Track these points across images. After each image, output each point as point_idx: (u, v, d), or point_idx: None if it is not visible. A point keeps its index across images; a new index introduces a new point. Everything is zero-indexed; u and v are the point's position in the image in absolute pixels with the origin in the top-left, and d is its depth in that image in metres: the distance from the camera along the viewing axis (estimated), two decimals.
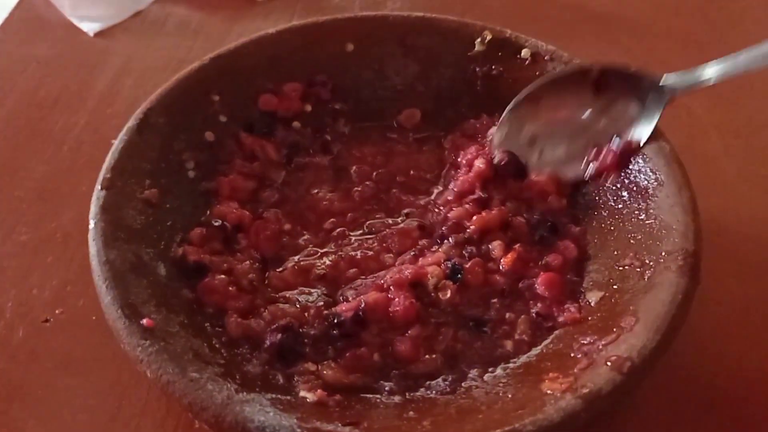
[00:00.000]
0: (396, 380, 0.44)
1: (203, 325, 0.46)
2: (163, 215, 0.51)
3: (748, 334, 0.52)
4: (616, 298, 0.46)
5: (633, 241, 0.49)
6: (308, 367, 0.45)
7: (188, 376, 0.40)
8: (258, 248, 0.52)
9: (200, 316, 0.47)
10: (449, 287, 0.48)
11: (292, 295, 0.49)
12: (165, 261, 0.49)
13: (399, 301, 0.46)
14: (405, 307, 0.46)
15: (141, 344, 0.41)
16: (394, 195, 0.56)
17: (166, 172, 0.53)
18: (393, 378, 0.44)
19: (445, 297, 0.48)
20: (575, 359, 0.43)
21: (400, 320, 0.46)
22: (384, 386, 0.44)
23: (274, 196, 0.56)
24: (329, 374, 0.44)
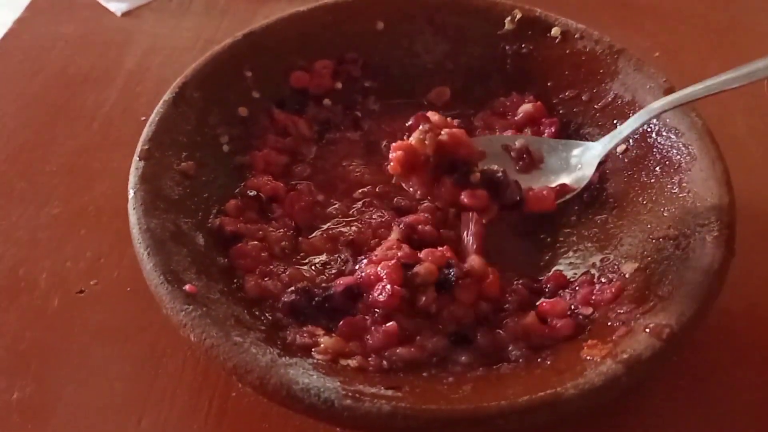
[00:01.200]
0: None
1: (240, 293, 0.47)
2: (199, 187, 0.51)
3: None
4: (652, 269, 0.46)
5: (667, 214, 0.49)
6: (314, 330, 0.45)
7: (232, 339, 0.41)
8: (292, 217, 0.52)
9: (237, 284, 0.47)
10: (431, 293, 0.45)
11: (317, 260, 0.50)
12: (203, 231, 0.49)
13: (383, 287, 0.45)
14: (387, 297, 0.44)
15: (184, 309, 0.42)
16: None
17: (201, 145, 0.53)
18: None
19: (421, 301, 0.45)
20: (613, 327, 0.43)
21: (381, 307, 0.45)
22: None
23: (306, 171, 0.56)
24: (327, 341, 0.44)
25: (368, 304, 0.45)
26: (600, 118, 0.56)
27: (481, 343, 0.44)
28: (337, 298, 0.46)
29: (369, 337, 0.44)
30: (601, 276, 0.49)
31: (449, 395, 0.40)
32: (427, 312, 0.45)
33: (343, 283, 0.46)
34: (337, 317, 0.45)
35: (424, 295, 0.45)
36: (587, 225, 0.53)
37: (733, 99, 0.68)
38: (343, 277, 0.48)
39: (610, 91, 0.56)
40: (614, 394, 0.39)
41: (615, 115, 0.55)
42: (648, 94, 0.54)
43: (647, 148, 0.53)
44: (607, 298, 0.46)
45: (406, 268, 0.45)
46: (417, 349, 0.43)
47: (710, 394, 0.47)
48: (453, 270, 0.45)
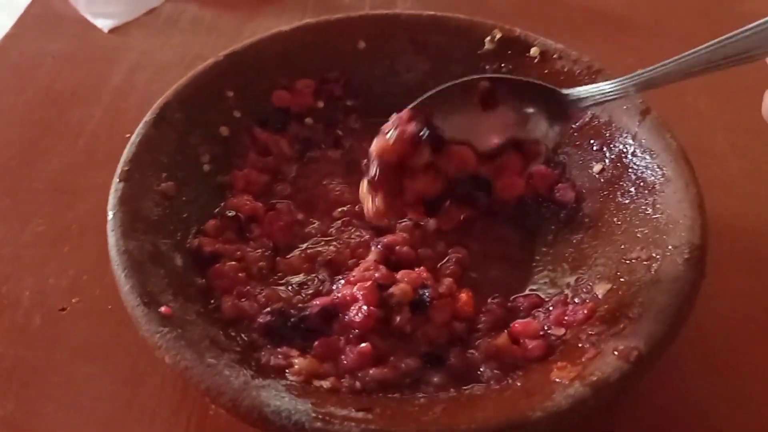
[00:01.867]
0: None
1: (217, 314, 0.47)
2: (179, 207, 0.52)
3: (752, 330, 0.53)
4: (624, 290, 0.47)
5: (640, 235, 0.50)
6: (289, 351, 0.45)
7: (205, 362, 0.41)
8: (271, 237, 0.53)
9: (214, 305, 0.48)
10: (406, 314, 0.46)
11: (294, 280, 0.50)
12: (181, 251, 0.50)
13: (359, 308, 0.45)
14: (363, 318, 0.45)
15: (159, 331, 0.42)
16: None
17: (182, 165, 0.54)
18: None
19: (396, 321, 0.46)
20: (583, 349, 0.44)
21: (357, 328, 0.45)
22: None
23: (286, 190, 0.57)
24: (301, 362, 0.44)
25: (344, 324, 0.46)
26: (577, 138, 0.57)
27: (454, 363, 0.45)
28: (312, 319, 0.46)
29: (343, 358, 0.45)
30: (575, 296, 0.49)
31: (420, 417, 0.40)
32: (401, 332, 0.46)
33: (319, 303, 0.47)
34: (313, 338, 0.46)
35: (399, 315, 0.45)
36: (563, 244, 0.53)
37: (715, 115, 0.69)
38: (320, 297, 0.48)
39: (587, 111, 0.57)
40: (581, 416, 0.40)
41: (592, 134, 0.56)
42: (624, 115, 0.55)
43: (623, 168, 0.54)
44: (579, 319, 0.47)
45: (382, 288, 0.46)
46: (390, 369, 0.44)
47: (683, 407, 0.48)
48: (428, 291, 0.46)
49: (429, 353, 0.45)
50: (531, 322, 0.47)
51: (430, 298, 0.46)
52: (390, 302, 0.46)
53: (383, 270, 0.48)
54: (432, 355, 0.45)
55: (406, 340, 0.46)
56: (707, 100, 0.71)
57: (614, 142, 0.55)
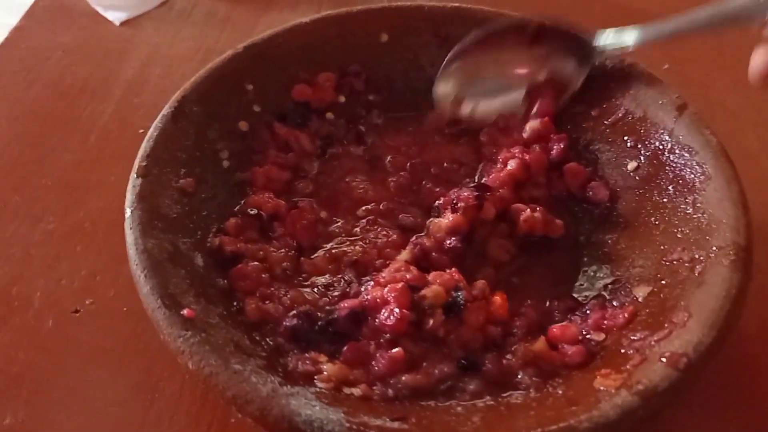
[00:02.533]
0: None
1: (240, 317, 0.45)
2: (198, 205, 0.50)
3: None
4: (666, 293, 0.45)
5: (680, 235, 0.47)
6: (317, 357, 0.43)
7: (231, 368, 0.39)
8: (294, 236, 0.51)
9: (236, 307, 0.46)
10: (439, 317, 0.44)
11: (320, 281, 0.48)
12: (202, 251, 0.47)
13: (390, 311, 0.43)
14: (395, 321, 0.43)
15: (182, 335, 0.40)
16: (428, 187, 0.55)
17: (200, 161, 0.52)
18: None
19: (428, 325, 0.44)
20: (627, 356, 0.42)
21: (389, 331, 0.43)
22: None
23: (308, 187, 0.55)
24: (330, 368, 0.42)
25: (374, 328, 0.43)
26: (610, 134, 0.55)
27: (489, 369, 0.43)
28: (341, 322, 0.44)
29: (374, 363, 0.42)
30: (613, 299, 0.47)
31: (458, 428, 0.38)
32: (434, 336, 0.43)
33: (348, 306, 0.45)
34: (341, 342, 0.44)
35: (432, 319, 0.43)
36: (597, 245, 0.51)
37: (744, 112, 0.67)
38: (347, 299, 0.46)
39: (620, 106, 0.54)
40: (630, 426, 0.38)
41: (625, 131, 0.54)
42: (660, 110, 0.53)
43: (659, 166, 0.51)
44: (619, 324, 0.45)
45: (414, 290, 0.44)
46: (423, 375, 0.42)
47: (724, 417, 0.46)
48: (461, 293, 0.44)
49: (464, 358, 0.43)
50: (569, 326, 0.45)
51: (463, 301, 0.44)
52: (422, 305, 0.44)
53: (414, 271, 0.46)
54: (467, 360, 0.43)
55: (440, 345, 0.44)
56: (734, 96, 0.69)
57: (650, 139, 0.52)
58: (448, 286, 0.44)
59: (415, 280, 0.45)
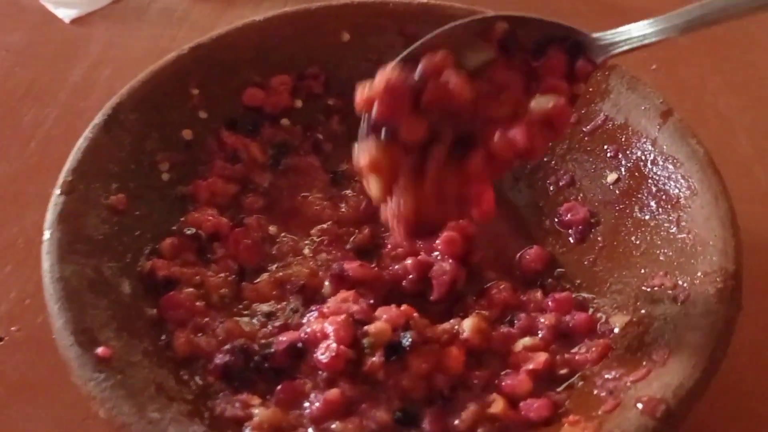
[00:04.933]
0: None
1: (169, 352, 0.40)
2: (130, 224, 0.45)
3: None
4: (645, 324, 0.40)
5: (663, 257, 0.43)
6: (249, 399, 0.38)
7: (147, 417, 0.35)
8: (237, 259, 0.46)
9: (165, 341, 0.41)
10: (378, 358, 0.39)
11: (262, 309, 0.44)
12: (130, 277, 0.43)
13: (327, 347, 0.39)
14: (330, 359, 0.38)
15: (94, 378, 0.36)
16: None
17: (136, 174, 0.47)
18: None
19: (365, 367, 0.39)
20: (599, 398, 0.37)
21: (324, 369, 0.39)
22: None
23: (258, 202, 0.50)
24: (263, 414, 0.37)
25: (313, 365, 0.39)
26: (588, 143, 0.50)
27: (426, 429, 0.38)
28: (278, 358, 0.40)
29: (308, 405, 0.38)
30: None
31: None
32: (373, 380, 0.39)
33: (287, 339, 0.40)
34: (279, 381, 0.39)
35: (371, 360, 0.38)
36: (573, 268, 0.47)
37: (737, 116, 0.63)
38: (288, 332, 0.41)
39: (600, 112, 0.50)
40: None
41: (605, 139, 0.50)
42: (642, 117, 0.48)
43: (641, 178, 0.47)
44: (591, 359, 0.40)
45: (359, 325, 0.39)
46: (356, 426, 0.37)
47: None
48: (410, 333, 0.39)
49: (401, 409, 0.38)
50: (523, 378, 0.39)
51: (409, 343, 0.39)
52: (363, 344, 0.39)
53: (363, 304, 0.41)
54: (404, 412, 0.38)
55: (379, 390, 0.39)
56: (728, 99, 0.64)
57: (631, 149, 0.48)
58: (396, 324, 0.39)
59: (362, 313, 0.40)
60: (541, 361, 0.40)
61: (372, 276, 0.44)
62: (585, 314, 0.43)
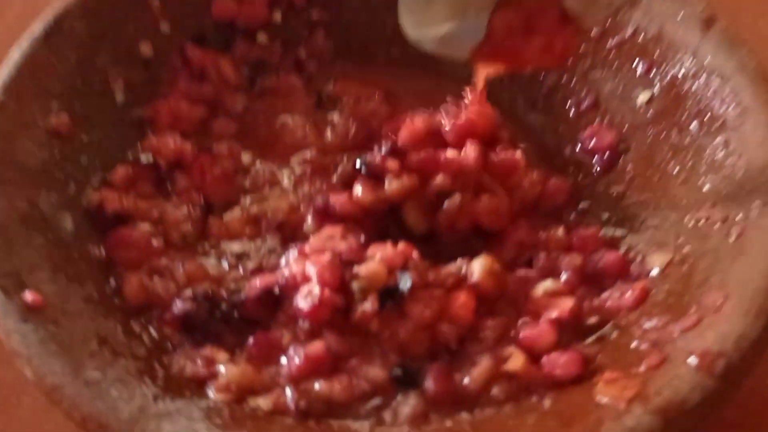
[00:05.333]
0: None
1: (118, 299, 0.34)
2: (76, 150, 0.39)
3: None
4: (691, 265, 0.34)
5: (709, 187, 0.37)
6: (214, 354, 0.32)
7: (84, 377, 0.28)
8: (202, 191, 0.39)
9: (114, 287, 0.35)
10: (371, 305, 0.32)
11: (231, 249, 0.37)
12: (73, 211, 0.36)
13: (309, 292, 0.32)
14: (312, 306, 0.32)
15: (19, 329, 0.29)
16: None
17: (83, 94, 0.40)
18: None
19: (357, 315, 0.32)
20: (639, 351, 0.31)
21: (305, 319, 0.33)
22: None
23: (229, 128, 0.43)
24: (230, 371, 0.31)
25: (292, 314, 0.32)
26: (615, 59, 0.43)
27: (430, 388, 0.31)
28: (250, 306, 0.33)
29: (286, 362, 0.31)
30: None
31: None
32: (365, 332, 0.32)
33: (261, 284, 0.33)
34: (250, 333, 0.32)
35: (362, 307, 0.32)
36: (599, 201, 0.40)
37: None
38: (262, 275, 0.34)
39: (628, 23, 0.43)
40: None
41: (635, 53, 0.43)
42: (680, 26, 0.41)
43: (679, 97, 0.40)
44: (626, 305, 0.33)
45: (349, 267, 0.32)
46: (344, 387, 0.31)
47: None
48: (409, 274, 0.32)
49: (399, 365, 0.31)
50: (545, 330, 0.33)
51: (409, 287, 0.32)
52: (353, 288, 0.32)
53: (352, 241, 0.34)
54: (403, 369, 0.31)
55: (372, 344, 0.32)
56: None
57: (666, 63, 0.41)
58: (393, 265, 0.33)
59: (352, 252, 0.33)
60: (567, 308, 0.33)
61: (362, 211, 0.37)
62: (616, 253, 0.36)
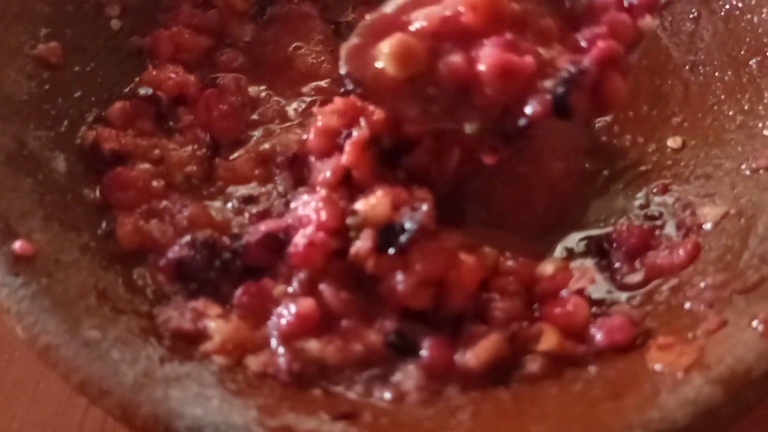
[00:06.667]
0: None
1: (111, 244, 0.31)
2: (68, 82, 0.36)
3: None
4: (749, 218, 0.31)
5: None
6: (206, 308, 0.29)
7: (82, 336, 0.25)
8: (208, 128, 0.36)
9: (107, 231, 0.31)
10: (366, 243, 0.29)
11: (239, 192, 0.34)
12: (67, 150, 0.33)
13: (303, 233, 0.29)
14: (302, 247, 0.29)
15: (9, 283, 0.26)
16: None
17: (75, 19, 0.37)
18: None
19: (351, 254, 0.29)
20: (694, 313, 0.28)
21: (296, 264, 0.30)
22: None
23: (236, 59, 0.40)
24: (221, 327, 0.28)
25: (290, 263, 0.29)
26: None
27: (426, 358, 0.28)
28: (252, 251, 0.30)
29: (274, 317, 0.29)
30: (663, 225, 0.33)
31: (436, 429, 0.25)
32: (364, 282, 0.29)
33: (264, 228, 0.30)
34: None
35: (356, 245, 0.28)
36: (635, 149, 0.37)
37: None
38: (269, 219, 0.31)
39: None
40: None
41: None
42: None
43: (735, 31, 0.37)
44: (677, 263, 0.30)
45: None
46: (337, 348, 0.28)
47: None
48: (418, 215, 0.28)
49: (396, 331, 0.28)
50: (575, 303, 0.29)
51: (414, 229, 0.28)
52: (350, 232, 0.29)
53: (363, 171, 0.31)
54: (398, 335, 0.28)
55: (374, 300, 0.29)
56: None
57: None
58: (399, 202, 0.29)
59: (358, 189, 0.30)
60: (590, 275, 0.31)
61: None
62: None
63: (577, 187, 0.36)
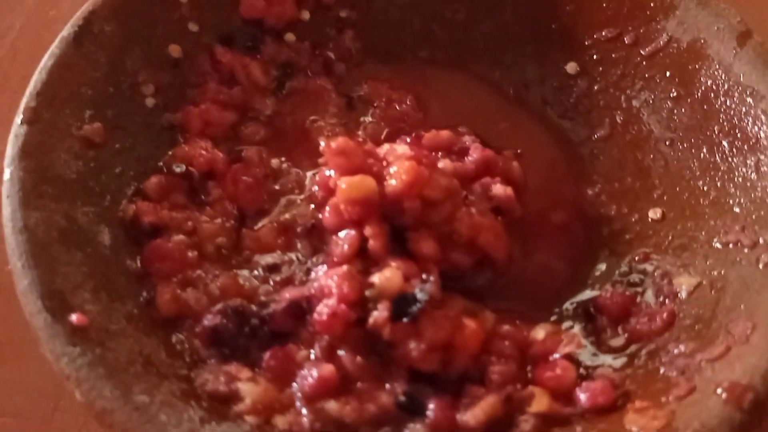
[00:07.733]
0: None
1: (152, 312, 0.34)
2: (109, 159, 0.38)
3: None
4: (719, 290, 0.34)
5: (738, 209, 0.37)
6: (238, 372, 0.32)
7: (133, 401, 0.29)
8: (235, 200, 0.39)
9: (147, 299, 0.35)
10: (383, 312, 0.32)
11: (264, 261, 0.37)
12: (110, 224, 0.36)
13: (327, 304, 0.32)
14: (326, 318, 0.32)
15: (68, 352, 0.30)
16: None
17: (114, 99, 0.40)
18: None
19: (370, 323, 0.32)
20: (667, 378, 0.32)
21: (319, 332, 0.33)
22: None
23: (259, 132, 0.43)
24: (251, 390, 0.31)
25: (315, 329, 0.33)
26: (647, 69, 0.43)
27: (431, 417, 0.31)
28: (278, 319, 0.33)
29: (298, 379, 0.32)
30: (643, 291, 0.37)
31: None
32: (380, 348, 0.32)
33: (289, 297, 0.34)
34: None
35: (374, 315, 0.32)
36: (620, 219, 0.41)
37: None
38: (292, 287, 0.35)
39: (662, 32, 0.42)
40: None
41: (668, 65, 0.42)
42: (715, 38, 0.41)
43: (711, 113, 0.40)
44: (655, 329, 0.34)
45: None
46: (353, 408, 0.31)
47: None
48: (428, 287, 0.32)
49: (405, 393, 0.32)
50: (563, 367, 0.33)
51: (425, 299, 0.32)
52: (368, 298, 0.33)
53: (378, 246, 0.34)
54: (408, 397, 0.31)
55: (387, 364, 0.32)
56: None
57: (700, 77, 0.41)
58: (411, 274, 0.33)
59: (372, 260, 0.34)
60: (576, 341, 0.34)
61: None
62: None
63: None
